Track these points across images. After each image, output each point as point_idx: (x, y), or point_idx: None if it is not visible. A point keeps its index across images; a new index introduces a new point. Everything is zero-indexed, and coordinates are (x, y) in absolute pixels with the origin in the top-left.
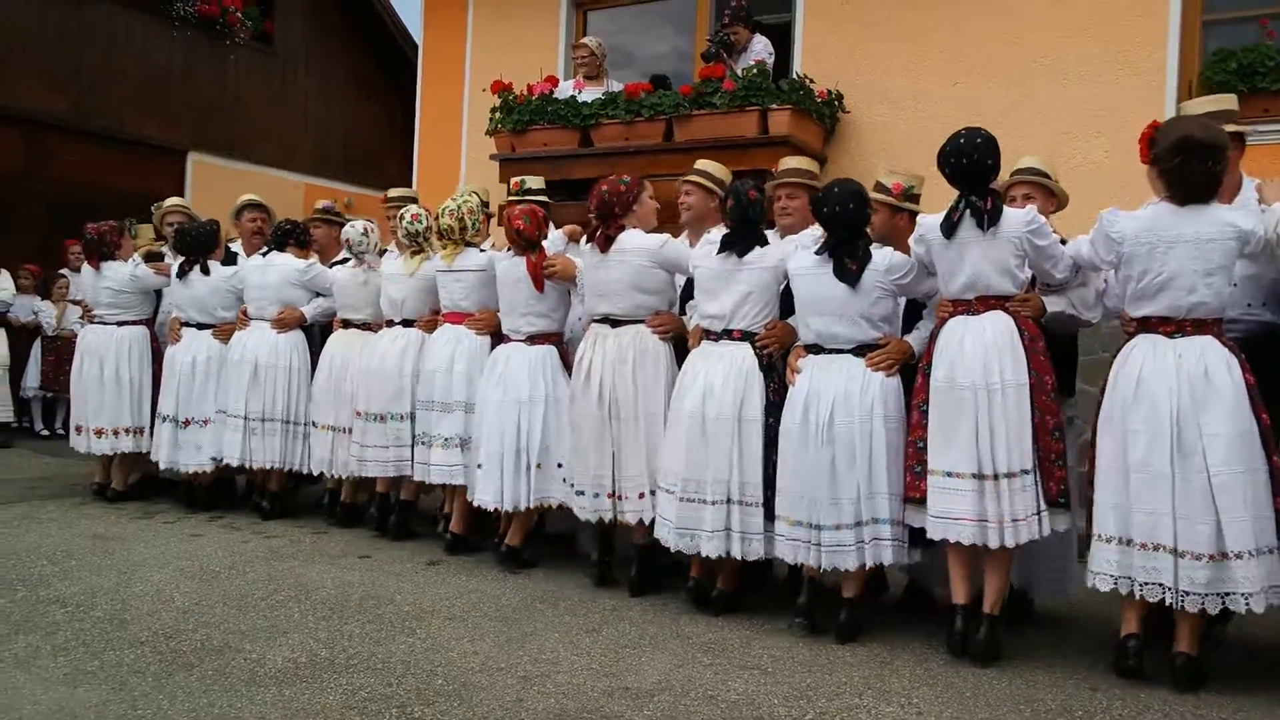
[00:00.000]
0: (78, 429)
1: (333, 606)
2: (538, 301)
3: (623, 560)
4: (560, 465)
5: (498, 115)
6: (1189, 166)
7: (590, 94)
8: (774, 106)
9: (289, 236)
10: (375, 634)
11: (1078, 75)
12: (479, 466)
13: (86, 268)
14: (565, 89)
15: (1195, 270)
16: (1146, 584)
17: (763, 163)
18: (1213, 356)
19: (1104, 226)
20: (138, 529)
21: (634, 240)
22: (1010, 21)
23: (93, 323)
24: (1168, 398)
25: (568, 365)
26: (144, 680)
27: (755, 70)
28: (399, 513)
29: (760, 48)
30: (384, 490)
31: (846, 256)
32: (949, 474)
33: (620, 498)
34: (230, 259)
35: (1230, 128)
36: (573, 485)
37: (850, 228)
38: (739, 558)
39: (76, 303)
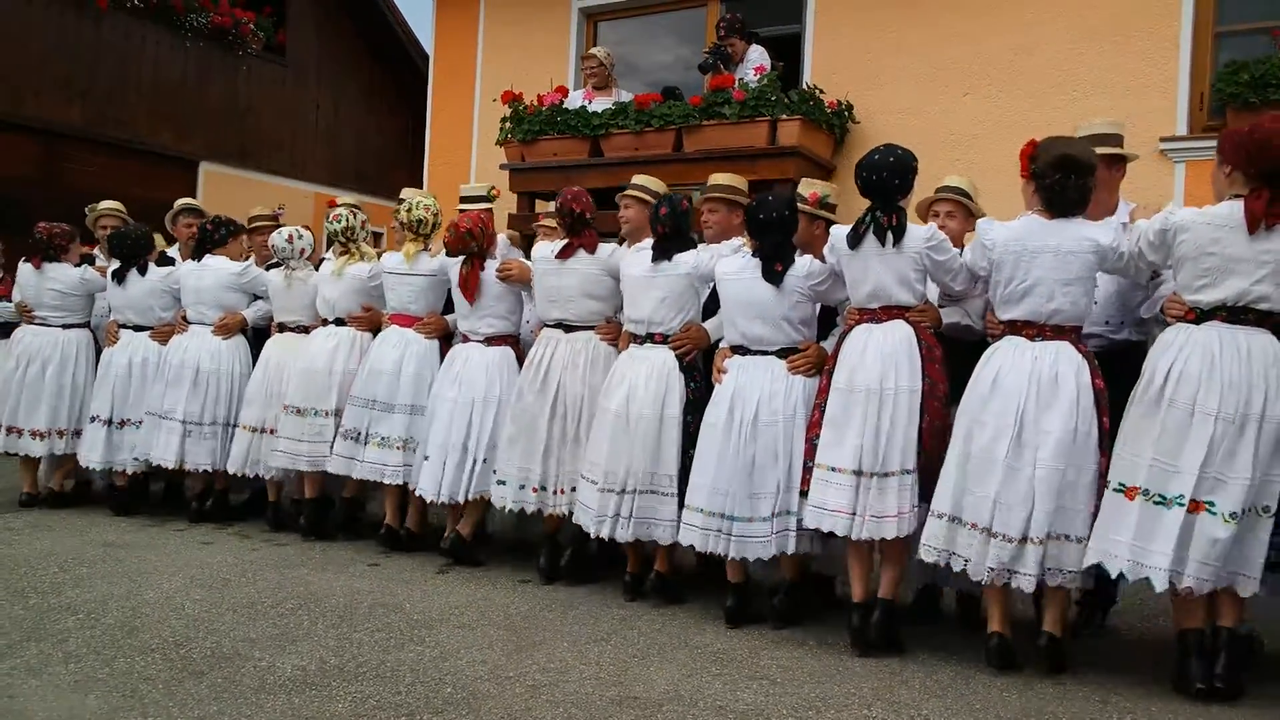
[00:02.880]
0: (6, 430)
1: (342, 614)
2: (495, 303)
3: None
4: (495, 471)
5: (508, 125)
6: (1066, 182)
7: (600, 104)
8: (784, 117)
9: (212, 236)
10: (384, 642)
11: (1090, 87)
12: (425, 459)
13: (27, 267)
14: (575, 99)
15: (1056, 279)
16: (962, 558)
17: (772, 173)
18: (1065, 361)
19: (979, 235)
20: (149, 536)
21: (584, 249)
22: (1022, 33)
23: (32, 324)
24: (1017, 396)
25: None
26: (154, 688)
27: (764, 79)
28: (345, 509)
29: (757, 56)
30: (313, 495)
31: (778, 260)
32: (833, 469)
33: (557, 491)
34: (165, 263)
35: (1115, 150)
36: (495, 473)
37: (783, 233)
38: (645, 541)
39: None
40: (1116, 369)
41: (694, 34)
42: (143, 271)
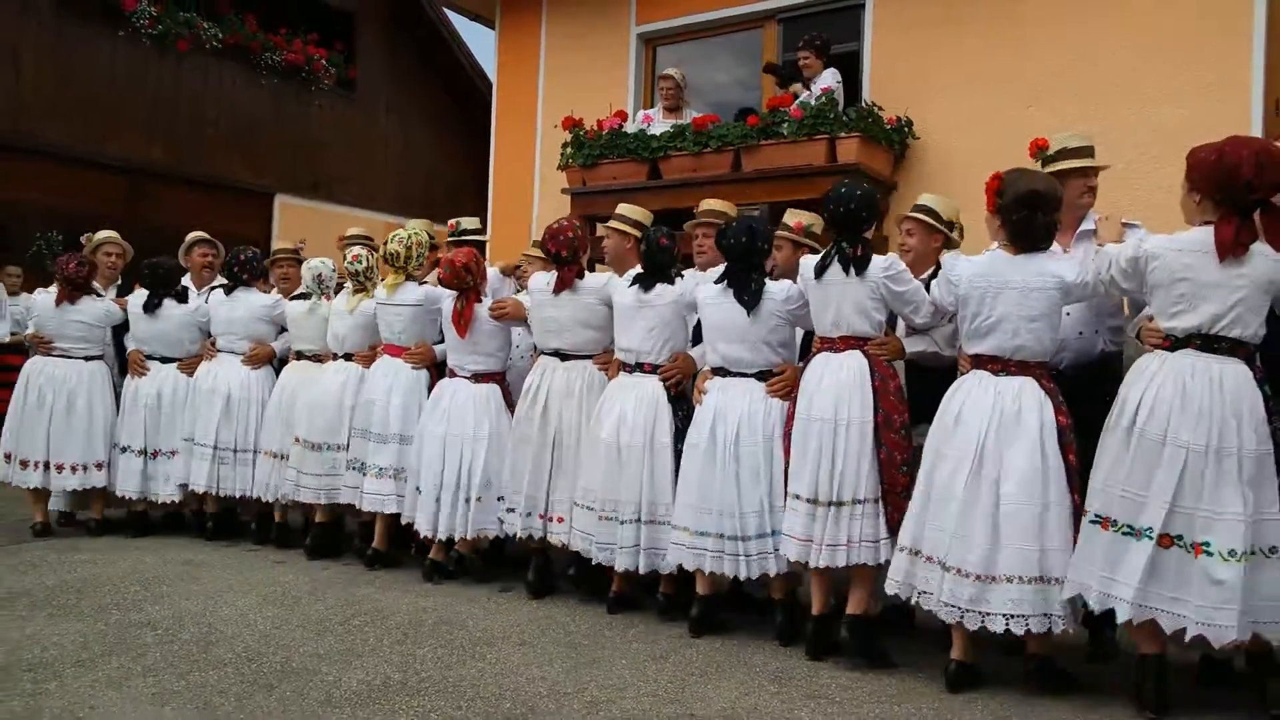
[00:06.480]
0: (23, 464)
1: (406, 631)
2: (486, 340)
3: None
4: (500, 499)
5: (568, 150)
6: (1033, 219)
7: (659, 126)
8: (842, 135)
9: (239, 276)
10: (446, 658)
11: (1157, 97)
12: (417, 490)
13: (46, 299)
14: (635, 122)
15: (1020, 316)
16: (923, 593)
17: None
18: (1028, 396)
19: (944, 270)
20: (224, 556)
21: (581, 280)
22: (1085, 44)
23: (50, 355)
24: (978, 430)
25: (509, 402)
26: (227, 700)
27: (824, 98)
28: (360, 533)
29: (829, 76)
30: (324, 520)
31: (744, 285)
32: (797, 497)
33: (554, 519)
34: (180, 294)
35: (1088, 163)
36: (503, 501)
37: (743, 260)
38: (644, 570)
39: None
40: (1093, 381)
41: (750, 55)
42: (181, 300)
